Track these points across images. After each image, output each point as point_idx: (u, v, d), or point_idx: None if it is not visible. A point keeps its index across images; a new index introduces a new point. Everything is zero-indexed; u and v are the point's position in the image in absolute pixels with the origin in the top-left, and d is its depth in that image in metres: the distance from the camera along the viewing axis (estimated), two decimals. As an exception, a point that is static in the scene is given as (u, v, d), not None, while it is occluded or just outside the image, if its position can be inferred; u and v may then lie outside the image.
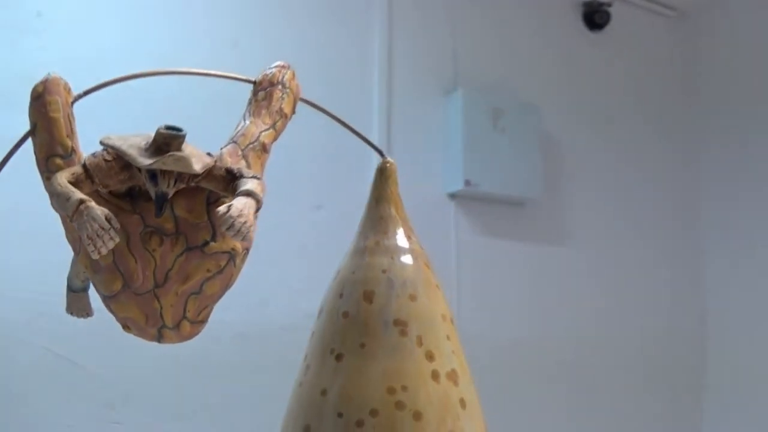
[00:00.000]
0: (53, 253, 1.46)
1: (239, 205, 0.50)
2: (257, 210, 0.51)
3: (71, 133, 0.54)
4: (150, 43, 1.94)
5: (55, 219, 0.74)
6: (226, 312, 1.69)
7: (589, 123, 2.66)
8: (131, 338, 1.31)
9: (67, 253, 0.83)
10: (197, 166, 0.50)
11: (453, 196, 2.25)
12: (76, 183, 0.51)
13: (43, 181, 0.54)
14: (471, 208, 2.35)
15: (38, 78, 1.40)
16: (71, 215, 0.48)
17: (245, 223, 0.49)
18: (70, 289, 0.65)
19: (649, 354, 2.70)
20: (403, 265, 0.65)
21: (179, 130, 0.50)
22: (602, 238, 2.63)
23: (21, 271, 1.70)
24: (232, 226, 0.49)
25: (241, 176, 0.53)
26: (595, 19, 2.48)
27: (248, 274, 1.44)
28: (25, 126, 0.63)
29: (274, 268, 1.76)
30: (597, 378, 2.55)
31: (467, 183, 2.17)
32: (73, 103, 0.56)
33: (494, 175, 2.23)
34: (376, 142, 2.05)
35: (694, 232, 2.81)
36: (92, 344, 1.80)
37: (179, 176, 0.51)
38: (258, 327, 1.91)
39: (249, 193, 0.51)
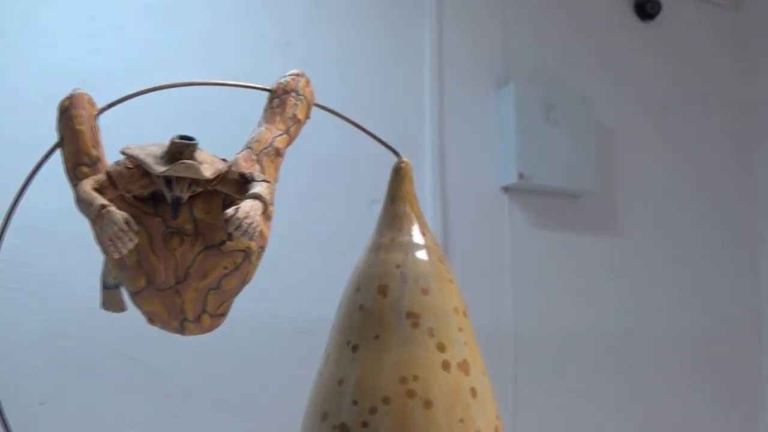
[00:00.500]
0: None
1: (246, 207, 0.53)
2: (264, 211, 0.55)
3: (96, 144, 0.59)
4: (202, 42, 2.00)
5: None
6: (284, 306, 1.75)
7: (643, 114, 2.63)
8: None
9: None
10: (207, 173, 0.54)
11: (506, 189, 2.27)
12: (100, 189, 0.55)
13: (71, 187, 0.59)
14: (525, 200, 2.36)
15: (92, 79, 1.46)
16: (93, 219, 0.53)
17: (251, 224, 0.53)
18: (104, 287, 0.70)
19: (702, 347, 2.67)
20: (417, 260, 0.68)
21: (191, 139, 0.54)
22: (657, 230, 2.61)
23: (78, 269, 1.77)
24: (239, 226, 0.52)
25: (253, 180, 0.57)
26: (646, 9, 2.46)
27: (306, 269, 1.48)
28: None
29: (330, 263, 1.79)
30: (649, 370, 2.54)
31: (520, 176, 2.19)
32: (97, 115, 0.61)
33: (547, 167, 2.24)
34: (428, 138, 2.10)
35: (751, 224, 2.77)
36: (150, 339, 1.85)
37: (194, 181, 0.55)
38: (316, 321, 1.95)
39: (256, 196, 0.55)
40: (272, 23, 2.11)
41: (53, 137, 1.04)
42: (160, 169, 0.54)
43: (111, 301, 0.70)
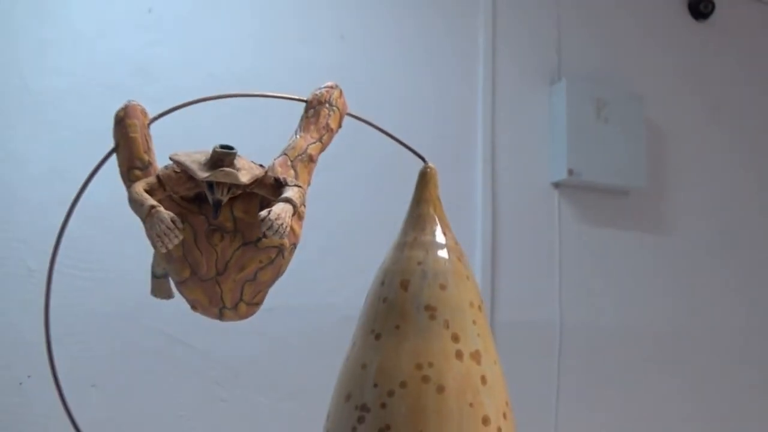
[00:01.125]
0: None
1: (277, 209, 0.61)
2: (295, 213, 0.63)
3: (148, 149, 0.67)
4: (257, 36, 2.10)
5: None
6: (333, 296, 1.83)
7: (695, 113, 2.65)
8: (239, 321, 1.45)
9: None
10: (244, 179, 0.62)
11: (557, 185, 2.32)
12: (150, 191, 0.63)
13: (126, 188, 0.67)
14: (574, 196, 2.40)
15: (150, 70, 1.56)
16: (144, 218, 0.61)
17: (282, 224, 0.60)
18: (153, 276, 0.78)
19: (755, 346, 2.68)
20: (437, 258, 0.75)
21: (231, 148, 0.62)
22: (707, 227, 2.63)
23: (133, 257, 1.88)
24: (270, 227, 0.60)
25: (286, 185, 0.65)
26: (699, 8, 2.48)
27: (355, 261, 1.55)
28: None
29: (378, 256, 1.88)
30: (697, 368, 2.56)
31: (570, 172, 2.24)
32: (149, 124, 0.69)
33: (597, 164, 2.28)
34: (480, 133, 2.16)
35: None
36: (202, 325, 1.96)
37: (233, 185, 0.63)
38: (363, 310, 2.06)
39: (288, 200, 0.62)
40: (328, 17, 2.20)
41: (106, 125, 1.14)
42: (203, 175, 0.61)
43: (159, 289, 0.78)
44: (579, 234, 2.38)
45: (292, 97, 0.75)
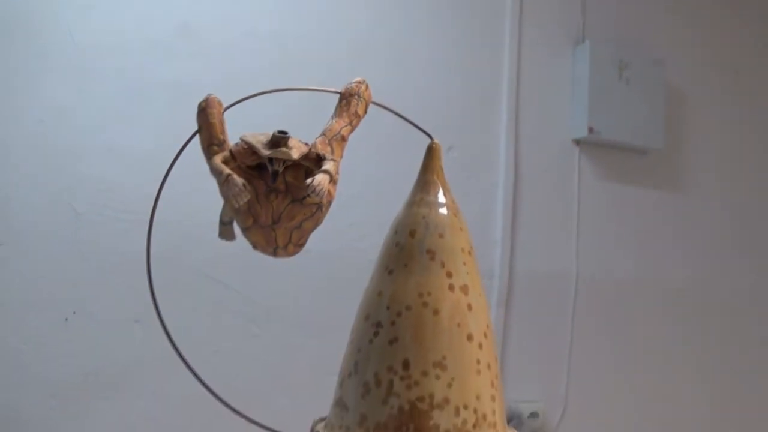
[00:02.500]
0: (201, 188, 1.98)
1: (319, 178, 0.94)
2: (331, 180, 0.96)
3: (223, 131, 1.00)
4: (289, 34, 2.41)
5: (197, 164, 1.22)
6: (362, 242, 2.19)
7: (715, 77, 2.94)
8: (274, 264, 1.84)
9: (208, 192, 1.31)
10: (295, 155, 0.95)
11: (577, 142, 2.64)
12: (225, 162, 0.97)
13: (206, 161, 1.00)
14: (594, 154, 2.72)
15: (189, 28, 1.91)
16: (222, 183, 0.95)
17: (321, 189, 0.94)
18: (221, 223, 1.11)
19: (760, 303, 3.00)
20: (438, 213, 1.07)
21: (285, 133, 0.95)
22: (721, 189, 2.94)
23: (174, 200, 2.23)
24: (313, 190, 0.93)
25: (325, 158, 0.98)
26: (722, -26, 2.72)
27: (382, 210, 1.88)
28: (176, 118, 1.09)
29: (396, 210, 2.21)
30: (710, 324, 2.90)
31: (591, 130, 2.55)
32: (223, 111, 1.02)
33: (617, 123, 2.60)
34: (505, 91, 2.48)
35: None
36: (239, 267, 2.30)
37: (287, 160, 0.97)
38: (389, 256, 2.41)
39: (326, 171, 0.96)
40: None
41: (154, 81, 1.48)
42: (265, 152, 0.95)
43: (226, 233, 1.12)
44: (597, 190, 2.69)
45: (329, 89, 1.07)
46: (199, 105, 1.02)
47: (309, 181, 0.94)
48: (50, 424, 2.12)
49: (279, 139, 0.96)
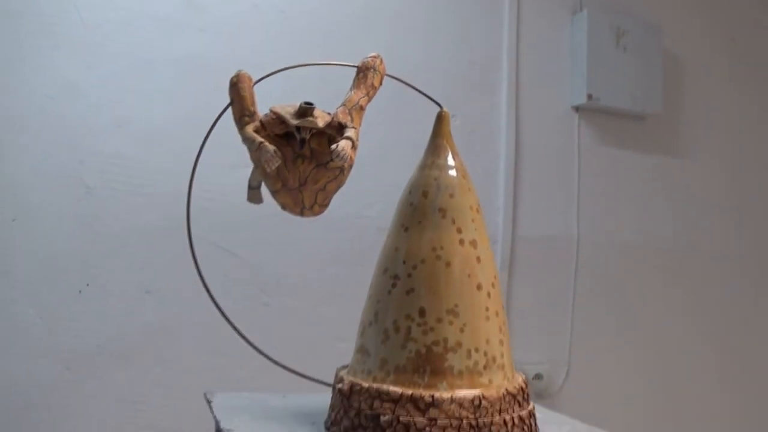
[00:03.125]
0: (211, 160, 2.12)
1: (342, 143, 1.09)
2: (353, 147, 1.11)
3: (253, 103, 1.15)
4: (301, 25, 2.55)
5: (214, 136, 1.37)
6: (369, 209, 2.35)
7: (712, 44, 3.09)
8: (282, 229, 1.99)
9: (217, 165, 1.46)
10: (320, 124, 1.10)
11: (577, 108, 2.79)
12: (256, 131, 1.12)
13: (238, 130, 1.15)
14: (593, 120, 2.88)
15: (196, 3, 2.05)
16: (254, 150, 1.10)
17: (345, 154, 1.09)
18: (250, 187, 1.26)
19: (756, 266, 3.18)
20: (448, 175, 1.23)
21: (311, 104, 1.11)
22: (718, 153, 3.11)
23: (184, 174, 2.34)
24: (338, 155, 1.09)
25: (346, 127, 1.13)
26: (718, -60, 2.87)
27: (389, 177, 2.04)
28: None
29: (404, 176, 2.35)
30: (704, 285, 3.07)
31: (589, 97, 2.71)
32: (253, 85, 1.17)
33: (615, 90, 2.76)
34: (505, 59, 2.63)
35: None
36: (248, 237, 2.45)
37: (313, 128, 1.12)
38: (395, 223, 2.55)
39: (348, 138, 1.11)
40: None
41: (162, 56, 1.63)
42: (294, 122, 1.10)
43: (254, 197, 1.27)
44: (597, 155, 2.85)
45: (349, 64, 1.22)
46: (231, 80, 1.16)
47: (334, 146, 1.10)
48: (65, 393, 2.27)
49: (305, 110, 1.11)
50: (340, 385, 1.21)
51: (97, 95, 2.32)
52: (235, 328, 1.31)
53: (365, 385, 1.17)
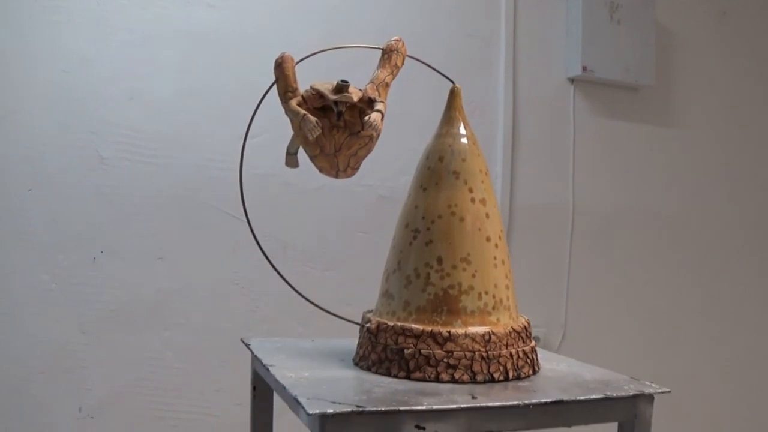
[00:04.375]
0: (217, 132, 2.42)
1: (374, 115, 1.40)
2: (382, 118, 1.42)
3: (295, 81, 1.45)
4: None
5: (223, 108, 1.67)
6: (371, 178, 2.67)
7: (703, 17, 3.41)
8: (289, 200, 2.32)
9: (223, 137, 1.77)
10: (354, 98, 1.41)
11: (572, 80, 3.10)
12: (299, 105, 1.43)
13: (282, 104, 1.45)
14: (588, 91, 3.19)
15: (205, 32, 2.33)
16: (299, 121, 1.40)
17: (377, 124, 1.40)
18: (288, 153, 1.57)
19: (749, 233, 3.51)
20: (460, 143, 1.53)
21: (346, 82, 1.41)
22: (709, 122, 3.43)
23: (193, 144, 2.65)
24: (370, 125, 1.39)
25: (375, 101, 1.44)
26: None
27: (388, 146, 2.34)
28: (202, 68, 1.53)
29: (411, 142, 2.59)
30: (694, 250, 3.40)
31: (584, 69, 3.02)
32: (295, 65, 1.47)
33: (609, 62, 3.07)
34: (503, 33, 2.96)
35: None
36: (254, 203, 2.71)
37: (348, 102, 1.43)
38: (395, 190, 2.85)
39: (378, 110, 1.42)
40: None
41: (172, 30, 1.94)
42: (332, 97, 1.41)
43: (291, 162, 1.57)
44: (592, 125, 3.17)
45: (376, 47, 1.53)
46: (276, 61, 1.46)
47: (366, 118, 1.40)
48: (81, 356, 2.56)
49: (342, 87, 1.41)
50: (368, 325, 1.52)
51: (109, 68, 2.58)
52: (285, 281, 1.58)
53: (390, 323, 1.48)
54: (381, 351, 1.47)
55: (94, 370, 2.57)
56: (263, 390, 1.73)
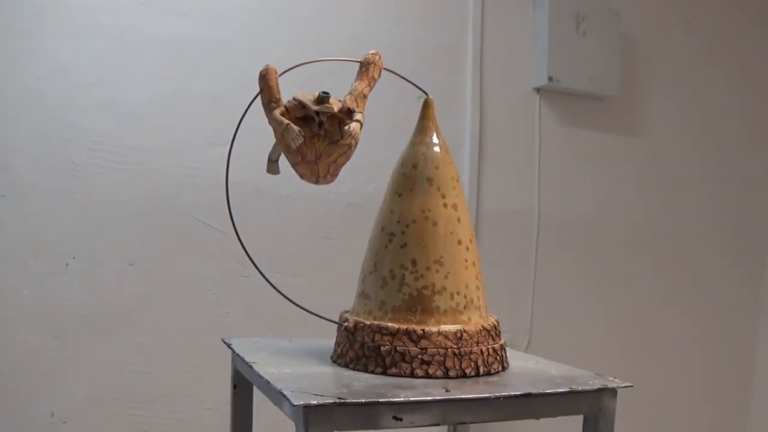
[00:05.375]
0: (195, 136, 2.51)
1: (353, 125, 1.52)
2: (361, 127, 1.54)
3: (278, 92, 1.57)
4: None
5: (196, 116, 1.83)
6: (340, 186, 2.81)
7: (668, 27, 3.55)
8: (259, 207, 2.46)
9: (195, 144, 1.89)
10: (335, 109, 1.53)
11: (538, 90, 3.24)
12: (282, 115, 1.55)
13: (266, 114, 1.57)
14: (553, 100, 3.32)
15: (179, 40, 2.45)
16: (282, 130, 1.52)
17: (357, 133, 1.52)
18: (270, 161, 1.68)
19: (711, 238, 3.66)
20: (433, 151, 1.66)
21: (327, 93, 1.53)
22: (673, 132, 3.58)
23: (165, 151, 2.74)
24: (350, 134, 1.52)
25: (354, 111, 1.56)
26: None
27: (359, 154, 2.43)
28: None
29: (379, 150, 2.76)
30: (658, 255, 3.55)
31: (550, 79, 3.16)
32: (277, 77, 1.59)
33: (575, 72, 3.21)
34: (470, 43, 3.11)
35: (761, 134, 3.76)
36: (224, 210, 2.76)
37: (329, 112, 1.55)
38: (364, 198, 2.97)
39: (357, 120, 1.54)
40: None
41: (147, 38, 2.09)
42: (314, 107, 1.53)
43: (272, 169, 1.69)
44: (557, 134, 3.31)
45: (353, 59, 1.65)
46: (260, 72, 1.58)
47: (346, 127, 1.53)
48: (53, 361, 2.64)
49: (323, 98, 1.54)
50: (346, 324, 1.64)
51: (83, 76, 2.67)
52: (261, 273, 1.68)
53: (367, 322, 1.60)
54: (358, 348, 1.59)
55: (66, 375, 2.64)
56: (243, 388, 1.84)
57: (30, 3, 2.62)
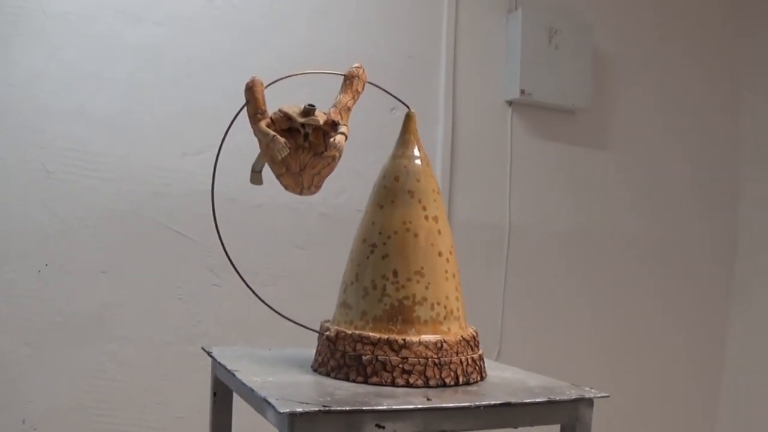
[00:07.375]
0: (168, 144, 2.55)
1: (338, 137, 1.57)
2: (346, 139, 1.58)
3: (264, 104, 1.61)
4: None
5: (169, 125, 1.86)
6: (312, 196, 2.77)
7: (640, 41, 3.64)
8: (231, 215, 2.49)
9: (169, 153, 1.93)
10: (321, 121, 1.57)
11: (510, 103, 3.30)
12: (268, 126, 1.59)
13: (252, 125, 1.61)
14: (525, 114, 3.39)
15: (153, 48, 2.49)
16: (268, 142, 1.56)
17: (341, 145, 1.56)
18: (253, 171, 1.72)
19: (681, 249, 3.74)
20: (415, 164, 1.70)
21: (313, 106, 1.58)
22: (644, 145, 3.67)
23: (138, 160, 2.77)
24: (335, 146, 1.56)
25: (338, 124, 1.60)
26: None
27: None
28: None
29: (354, 161, 2.77)
30: (629, 266, 3.62)
31: (522, 92, 3.22)
32: (263, 89, 1.63)
33: (547, 86, 3.27)
34: (443, 54, 3.18)
35: (731, 146, 3.86)
36: (196, 219, 2.84)
37: (314, 125, 1.59)
38: (336, 209, 3.01)
39: (342, 133, 1.58)
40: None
41: (121, 46, 2.07)
42: (300, 119, 1.57)
43: (256, 180, 1.73)
44: (529, 147, 3.37)
45: (339, 73, 1.69)
46: (247, 84, 1.62)
47: (331, 140, 1.57)
48: (25, 368, 2.66)
49: (309, 110, 1.58)
50: (327, 333, 1.68)
51: (57, 83, 2.70)
52: (241, 278, 1.71)
53: (349, 332, 1.64)
54: (340, 357, 1.63)
55: (37, 382, 2.66)
56: (223, 395, 1.87)
57: (4, 10, 2.64)
